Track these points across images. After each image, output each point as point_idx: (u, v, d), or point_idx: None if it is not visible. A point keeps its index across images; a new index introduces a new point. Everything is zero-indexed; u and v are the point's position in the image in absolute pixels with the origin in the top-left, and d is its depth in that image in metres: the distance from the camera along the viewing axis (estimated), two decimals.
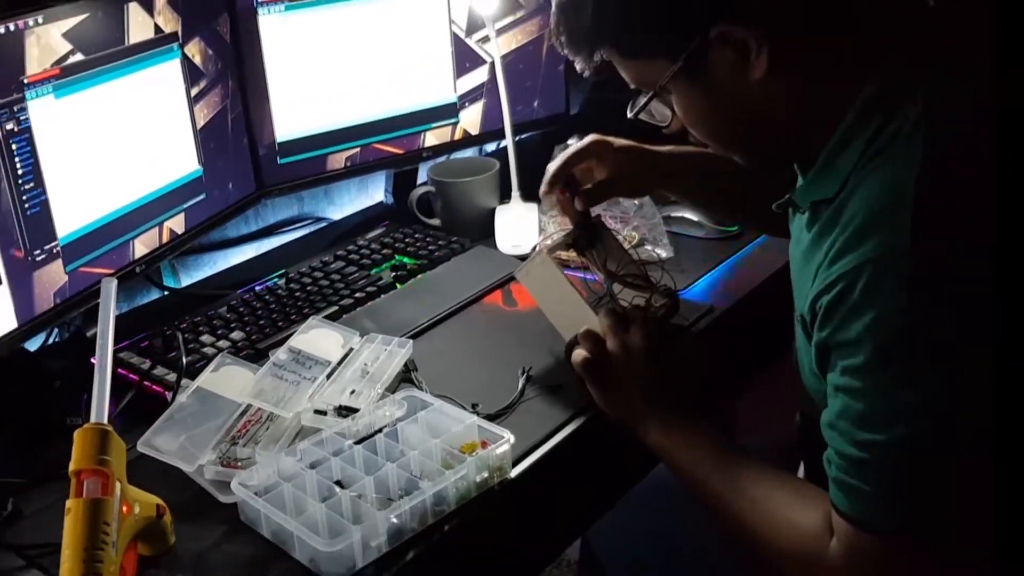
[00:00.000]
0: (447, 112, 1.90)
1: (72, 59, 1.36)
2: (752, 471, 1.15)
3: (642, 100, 1.15)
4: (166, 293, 1.74)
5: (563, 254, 1.51)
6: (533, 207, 1.76)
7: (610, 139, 1.48)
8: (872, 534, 0.98)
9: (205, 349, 1.47)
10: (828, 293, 0.98)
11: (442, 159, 1.96)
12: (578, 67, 1.14)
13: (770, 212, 1.16)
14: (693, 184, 1.49)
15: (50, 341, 1.54)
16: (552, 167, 1.47)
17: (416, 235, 1.81)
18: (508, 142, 1.81)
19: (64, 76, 1.35)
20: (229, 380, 1.32)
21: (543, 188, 1.48)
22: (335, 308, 1.57)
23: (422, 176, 1.99)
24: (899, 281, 0.93)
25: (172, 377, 1.39)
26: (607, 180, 1.46)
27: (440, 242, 1.77)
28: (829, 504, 1.02)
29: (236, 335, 1.50)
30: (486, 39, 1.88)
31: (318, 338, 1.39)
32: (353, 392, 1.30)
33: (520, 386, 1.36)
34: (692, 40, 1.03)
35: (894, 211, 0.95)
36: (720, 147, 1.14)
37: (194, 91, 1.59)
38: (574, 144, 1.49)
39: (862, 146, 1.00)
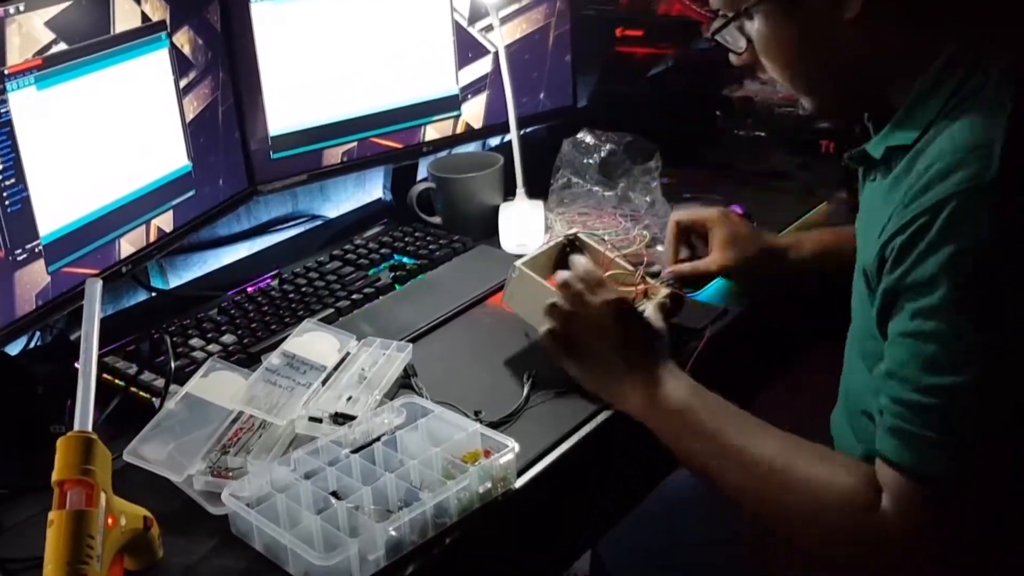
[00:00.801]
0: (448, 105, 1.90)
1: (55, 49, 1.36)
2: (768, 433, 1.13)
3: (719, 20, 1.15)
4: (153, 295, 1.73)
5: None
6: (539, 204, 1.76)
7: (736, 215, 1.51)
8: (930, 484, 0.97)
9: (194, 353, 1.47)
10: (903, 233, 0.98)
11: (443, 154, 1.95)
12: None
13: None
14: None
15: (32, 345, 1.54)
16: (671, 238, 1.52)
17: (416, 234, 1.81)
18: (513, 136, 1.80)
19: (46, 67, 1.35)
20: (219, 386, 1.32)
21: (670, 260, 1.52)
22: (331, 310, 1.56)
23: (422, 172, 1.98)
24: (983, 214, 0.94)
25: (160, 383, 1.39)
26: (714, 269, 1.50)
27: (441, 241, 1.77)
28: (862, 467, 1.02)
29: (227, 339, 1.50)
30: (489, 28, 1.87)
31: (313, 342, 1.39)
32: (350, 398, 1.30)
33: (525, 392, 1.35)
34: None
35: (983, 148, 0.96)
36: (794, 86, 1.15)
37: (183, 83, 1.58)
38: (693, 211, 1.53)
39: (946, 95, 1.02)
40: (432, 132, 1.90)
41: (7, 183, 1.31)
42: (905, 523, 1.00)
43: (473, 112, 1.93)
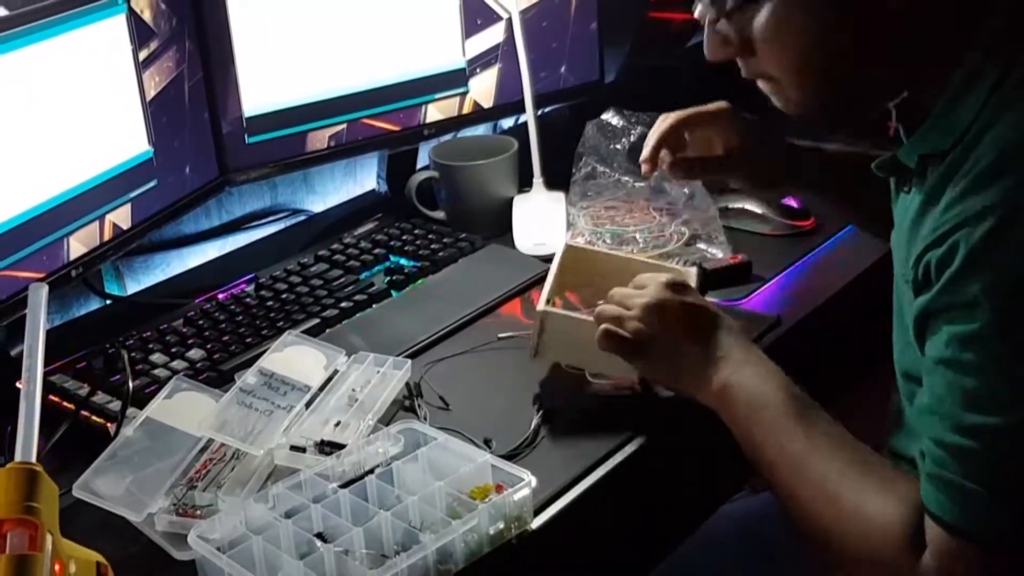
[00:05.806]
0: (454, 80, 1.90)
1: None
2: (834, 441, 1.15)
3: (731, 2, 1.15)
4: (108, 302, 1.74)
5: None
6: (559, 197, 1.76)
7: (745, 115, 1.49)
8: (975, 543, 0.98)
9: (156, 371, 1.47)
10: (939, 247, 0.98)
11: (448, 138, 1.96)
12: None
13: None
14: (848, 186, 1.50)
15: None
16: (658, 129, 1.50)
17: (415, 231, 1.81)
18: (529, 117, 1.81)
19: None
20: (185, 409, 1.32)
21: (644, 154, 1.50)
22: (316, 321, 1.57)
23: (423, 159, 1.99)
24: None
25: (116, 406, 1.39)
26: (726, 156, 1.49)
27: (445, 240, 1.78)
28: (919, 506, 1.03)
29: (194, 354, 1.51)
30: None
31: (295, 358, 1.40)
32: (338, 424, 1.30)
33: (542, 417, 1.35)
34: None
35: None
36: (794, 82, 1.14)
37: (143, 54, 1.59)
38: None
39: (987, 90, 1.01)
40: (434, 112, 1.90)
41: None
42: None
43: (482, 89, 1.93)
